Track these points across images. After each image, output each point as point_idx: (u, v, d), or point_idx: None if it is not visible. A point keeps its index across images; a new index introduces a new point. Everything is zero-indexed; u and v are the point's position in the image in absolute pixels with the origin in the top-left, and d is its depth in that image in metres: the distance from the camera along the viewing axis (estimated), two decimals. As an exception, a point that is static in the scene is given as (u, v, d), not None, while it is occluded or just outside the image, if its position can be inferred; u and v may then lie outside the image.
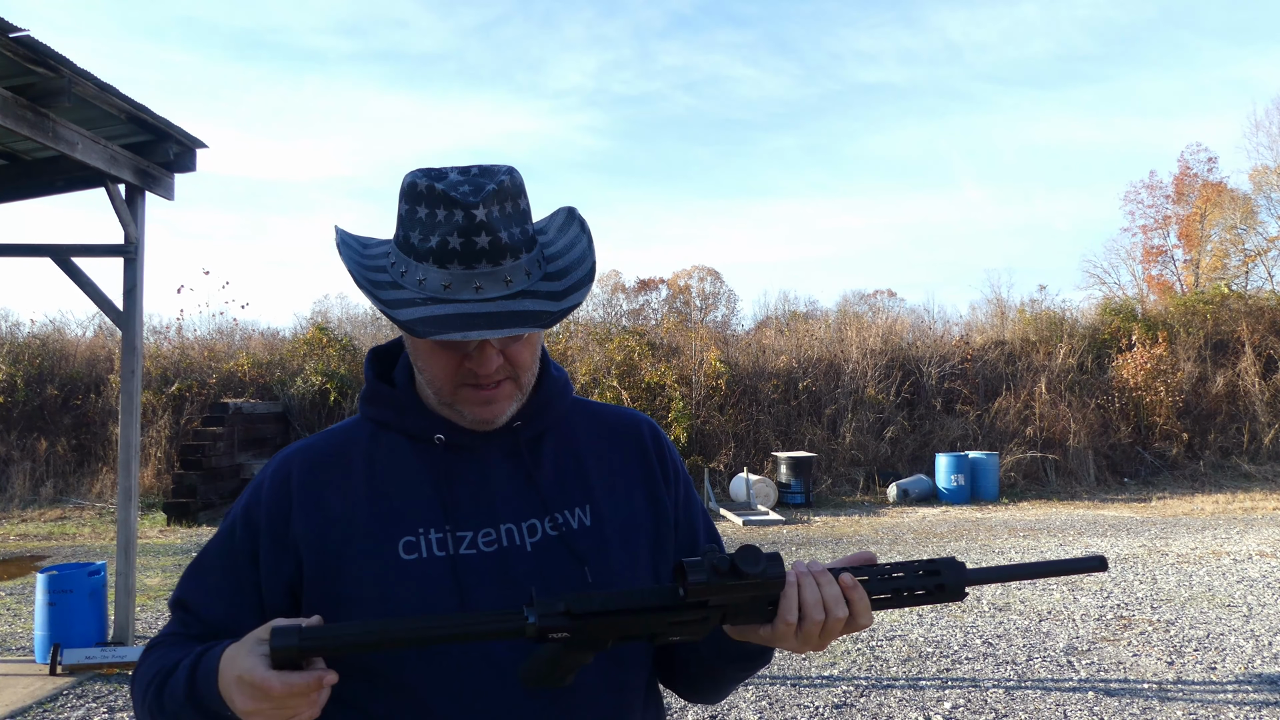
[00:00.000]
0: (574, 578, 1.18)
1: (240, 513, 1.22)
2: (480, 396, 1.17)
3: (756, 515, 12.68)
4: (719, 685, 1.29)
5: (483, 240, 1.09)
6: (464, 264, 1.09)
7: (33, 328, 17.77)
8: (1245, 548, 9.91)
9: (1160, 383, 16.64)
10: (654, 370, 15.71)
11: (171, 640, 1.20)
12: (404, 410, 1.23)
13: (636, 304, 34.27)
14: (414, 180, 1.12)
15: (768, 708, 5.02)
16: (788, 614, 1.05)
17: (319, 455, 1.24)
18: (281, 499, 1.20)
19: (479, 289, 1.10)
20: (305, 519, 1.18)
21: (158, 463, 14.51)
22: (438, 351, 1.15)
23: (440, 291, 1.09)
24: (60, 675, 5.59)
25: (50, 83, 4.87)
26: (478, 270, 1.10)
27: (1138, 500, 14.28)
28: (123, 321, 6.17)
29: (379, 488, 1.20)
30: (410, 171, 1.14)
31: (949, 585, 1.09)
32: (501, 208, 1.11)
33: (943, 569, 1.09)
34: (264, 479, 1.23)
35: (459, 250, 1.09)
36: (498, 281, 1.10)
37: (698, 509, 1.37)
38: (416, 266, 1.11)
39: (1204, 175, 29.79)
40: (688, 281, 36.50)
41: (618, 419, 1.36)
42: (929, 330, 19.09)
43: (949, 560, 1.10)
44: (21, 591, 8.14)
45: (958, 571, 1.10)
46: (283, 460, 1.25)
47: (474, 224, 1.08)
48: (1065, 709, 4.97)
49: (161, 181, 6.33)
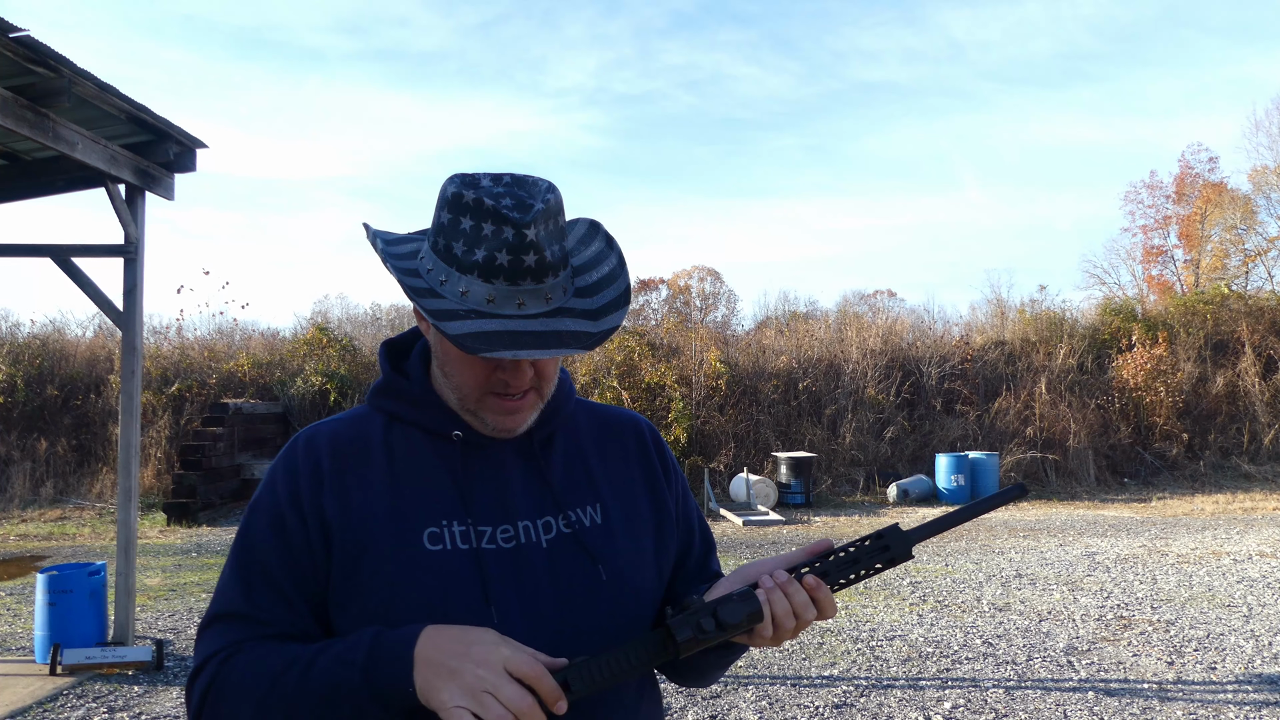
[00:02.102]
0: (588, 574, 1.20)
1: (287, 501, 1.18)
2: (506, 407, 1.19)
3: (756, 515, 12.68)
4: (703, 676, 1.33)
5: (530, 259, 1.10)
6: (510, 281, 1.11)
7: (33, 328, 17.79)
8: (1245, 548, 9.91)
9: (1160, 383, 16.64)
10: (654, 370, 15.71)
11: (253, 644, 1.13)
12: (421, 405, 1.24)
13: (636, 304, 34.28)
14: (459, 191, 1.13)
15: (768, 708, 5.02)
16: (764, 630, 1.13)
17: (344, 441, 1.23)
18: (316, 482, 1.19)
19: (521, 305, 1.11)
20: (335, 504, 1.17)
21: (158, 463, 14.51)
22: (472, 362, 1.16)
23: (484, 305, 1.10)
24: (60, 675, 5.59)
25: (50, 83, 4.87)
26: (522, 287, 1.11)
27: (1138, 500, 14.28)
28: (123, 321, 6.17)
29: (400, 476, 1.20)
30: (450, 178, 1.16)
31: (896, 551, 1.19)
32: (547, 226, 1.13)
33: (888, 536, 1.19)
34: (296, 463, 1.21)
35: (505, 267, 1.10)
36: (539, 299, 1.12)
37: (694, 507, 1.42)
38: (459, 278, 1.12)
39: (1205, 175, 29.82)
40: (688, 281, 36.53)
41: (618, 419, 1.39)
42: (929, 330, 19.10)
43: (891, 528, 1.20)
44: (21, 591, 8.13)
45: (901, 537, 1.20)
46: (309, 442, 1.24)
47: (524, 243, 1.10)
48: (1065, 709, 4.97)
49: (161, 181, 6.33)
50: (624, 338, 16.59)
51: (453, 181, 1.15)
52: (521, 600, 1.15)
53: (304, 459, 1.21)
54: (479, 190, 1.12)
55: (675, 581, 1.35)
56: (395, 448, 1.23)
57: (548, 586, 1.18)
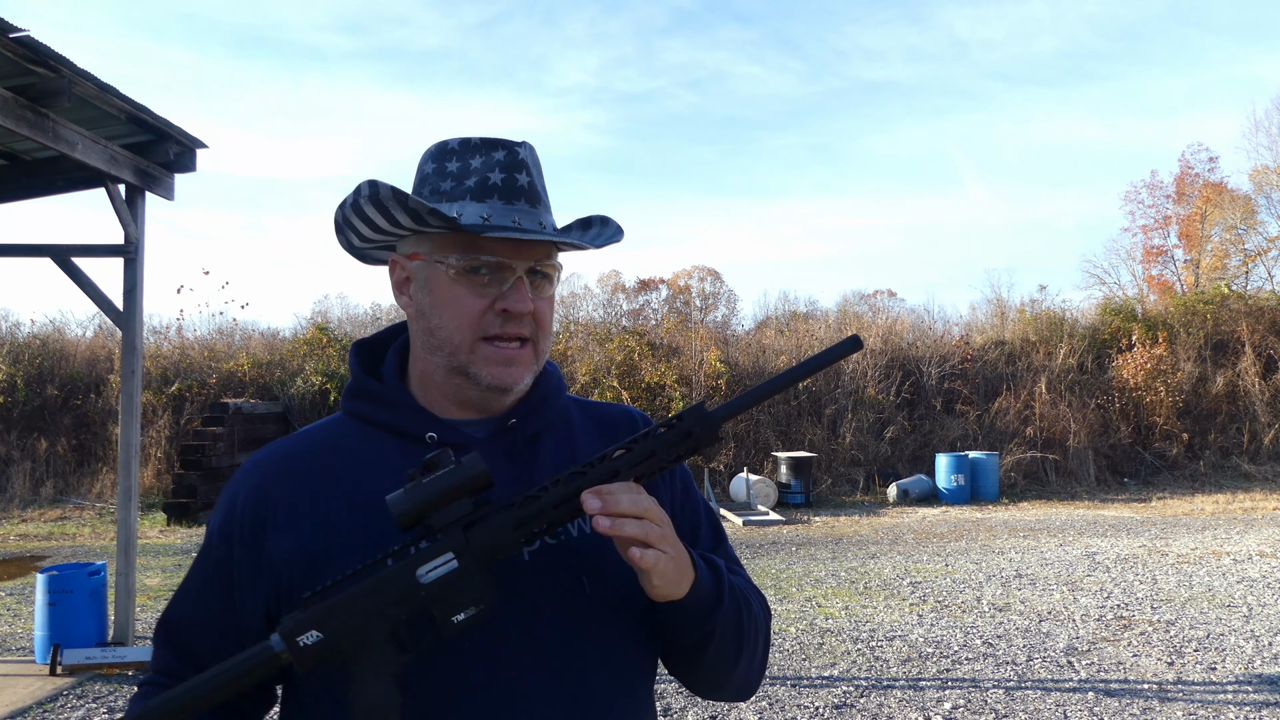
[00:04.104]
0: (572, 590, 1.11)
1: (216, 531, 1.14)
2: (502, 355, 1.10)
3: (756, 515, 12.68)
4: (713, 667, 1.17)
5: (523, 179, 1.07)
6: (504, 199, 1.07)
7: (33, 328, 17.79)
8: (1245, 548, 9.91)
9: (1160, 383, 16.64)
10: (654, 370, 15.71)
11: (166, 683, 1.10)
12: (394, 406, 1.16)
13: (636, 304, 34.30)
14: (443, 142, 1.11)
15: (768, 708, 5.02)
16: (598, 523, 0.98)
17: (295, 461, 1.15)
18: (256, 514, 1.11)
19: (517, 222, 1.06)
20: (284, 536, 1.09)
21: (158, 463, 14.51)
22: (464, 294, 1.08)
23: (479, 223, 1.05)
24: (60, 675, 5.59)
25: (50, 83, 4.87)
26: (517, 206, 1.07)
27: (1138, 500, 14.28)
28: (123, 321, 6.17)
29: (365, 492, 1.10)
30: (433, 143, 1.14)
31: (696, 432, 1.03)
32: (535, 163, 1.11)
33: (688, 418, 1.04)
34: (237, 491, 1.15)
35: (499, 185, 1.07)
36: (534, 222, 1.08)
37: (698, 503, 1.31)
38: (449, 206, 1.07)
39: (1205, 175, 29.81)
40: (688, 281, 36.52)
41: (612, 415, 1.31)
42: (929, 330, 19.09)
43: (693, 409, 1.05)
44: (21, 591, 8.13)
45: (705, 417, 1.04)
46: (254, 469, 1.16)
47: (516, 160, 1.07)
48: (1065, 709, 4.97)
49: (161, 181, 6.34)
50: (624, 338, 16.60)
51: (433, 144, 1.13)
52: (506, 621, 1.04)
53: (245, 490, 1.14)
54: (462, 138, 1.11)
55: None
56: (363, 457, 1.14)
57: (531, 604, 1.08)
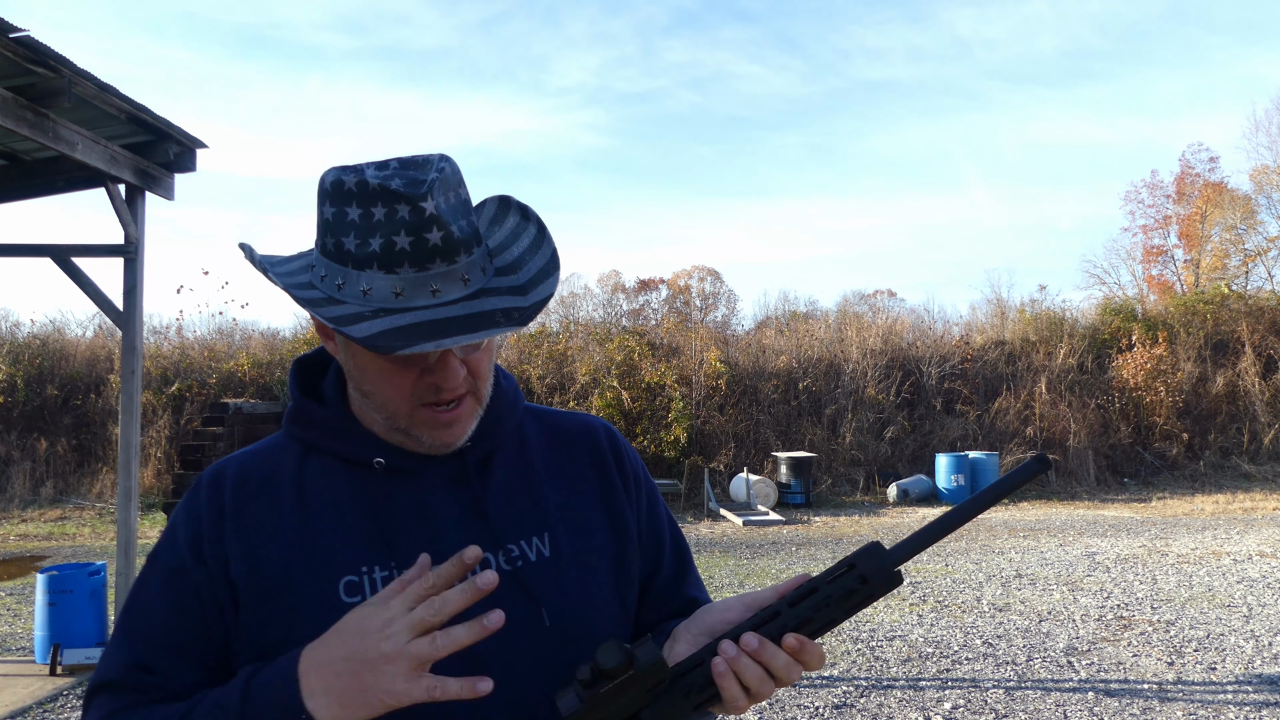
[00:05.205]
0: (529, 620, 1.05)
1: (187, 547, 1.04)
2: (442, 419, 1.03)
3: (756, 515, 12.69)
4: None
5: (435, 236, 0.95)
6: (415, 265, 0.95)
7: (33, 328, 17.81)
8: (1245, 548, 9.91)
9: (1160, 383, 16.64)
10: (654, 370, 15.71)
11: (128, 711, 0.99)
12: (338, 432, 1.09)
13: (636, 304, 34.33)
14: (339, 178, 0.97)
15: (768, 708, 5.02)
16: (736, 701, 0.94)
17: (251, 478, 1.08)
18: (218, 526, 1.05)
19: (436, 292, 0.96)
20: (239, 550, 1.03)
21: (158, 463, 14.51)
22: (393, 370, 1.00)
23: (391, 300, 0.95)
24: (60, 675, 5.59)
25: (50, 83, 4.87)
26: (432, 271, 0.96)
27: (1138, 500, 14.28)
28: (123, 321, 6.17)
29: (313, 518, 1.05)
30: (327, 170, 1.00)
31: (871, 577, 0.94)
32: (447, 199, 0.98)
33: (860, 564, 0.94)
34: (199, 505, 1.07)
35: (409, 250, 0.95)
36: (455, 281, 0.97)
37: (663, 519, 1.25)
38: (357, 276, 0.96)
39: (1205, 175, 29.82)
40: (688, 281, 36.53)
41: (571, 426, 1.23)
42: (929, 330, 19.11)
43: (867, 549, 0.95)
44: (21, 591, 8.14)
45: (879, 558, 0.94)
46: (214, 480, 1.09)
47: (423, 218, 0.94)
48: (1065, 709, 4.97)
49: (161, 181, 6.34)
50: (624, 338, 16.60)
51: (331, 171, 0.99)
52: (457, 654, 0.93)
53: (207, 500, 1.06)
54: (361, 174, 0.96)
55: (642, 607, 1.20)
56: (309, 484, 1.07)
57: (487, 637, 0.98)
